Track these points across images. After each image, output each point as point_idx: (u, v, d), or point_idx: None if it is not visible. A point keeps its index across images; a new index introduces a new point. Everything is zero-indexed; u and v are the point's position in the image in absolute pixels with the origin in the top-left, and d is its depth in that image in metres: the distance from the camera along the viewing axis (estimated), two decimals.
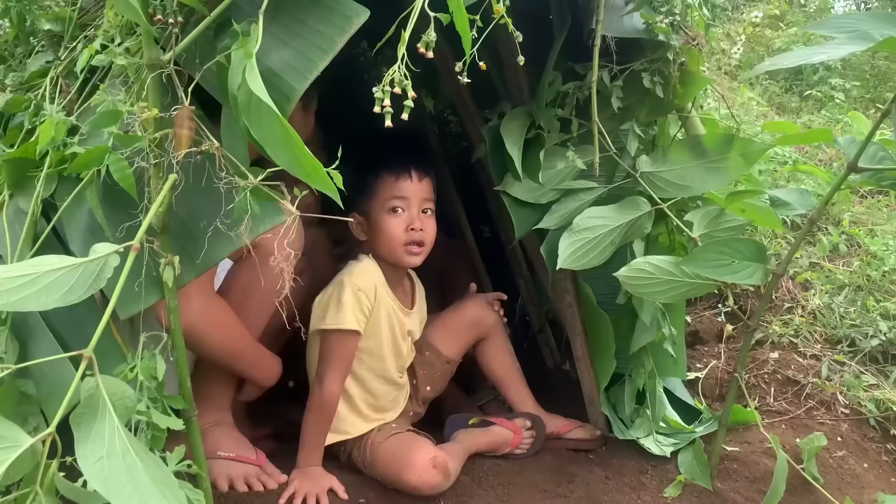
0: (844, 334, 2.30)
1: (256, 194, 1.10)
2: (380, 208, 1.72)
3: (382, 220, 1.71)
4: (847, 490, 1.70)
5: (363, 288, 1.68)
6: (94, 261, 1.00)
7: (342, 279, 1.69)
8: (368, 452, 1.69)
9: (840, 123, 3.92)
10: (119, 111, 1.12)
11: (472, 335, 1.96)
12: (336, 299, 1.66)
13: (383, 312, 1.73)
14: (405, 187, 1.71)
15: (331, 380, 1.64)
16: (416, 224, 1.71)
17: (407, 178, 1.72)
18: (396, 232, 1.70)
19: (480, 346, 1.97)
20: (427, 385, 1.92)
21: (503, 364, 1.99)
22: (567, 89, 1.66)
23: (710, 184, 1.69)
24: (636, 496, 1.68)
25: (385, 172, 1.72)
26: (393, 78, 0.95)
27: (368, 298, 1.68)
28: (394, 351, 1.78)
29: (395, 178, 1.71)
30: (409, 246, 1.71)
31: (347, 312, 1.64)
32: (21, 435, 0.92)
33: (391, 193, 1.71)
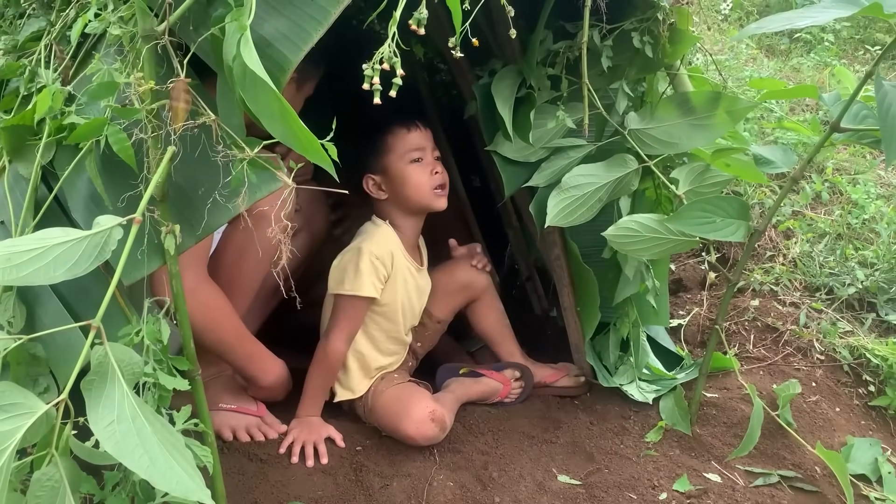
0: (823, 282, 2.37)
1: (252, 164, 1.13)
2: (399, 161, 1.78)
3: (407, 172, 1.77)
4: (819, 433, 1.78)
5: (380, 256, 1.73)
6: (98, 233, 1.03)
7: (360, 246, 1.73)
8: (370, 399, 1.76)
9: (829, 67, 3.92)
10: (115, 83, 1.13)
11: (462, 297, 2.00)
12: (354, 266, 1.71)
13: (399, 278, 1.79)
14: (418, 136, 1.79)
15: (338, 338, 1.71)
16: (438, 167, 1.81)
17: (417, 128, 1.80)
18: (423, 179, 1.78)
19: (471, 306, 2.02)
20: (418, 342, 1.98)
21: (493, 323, 2.04)
22: (558, 48, 1.67)
23: (697, 140, 1.72)
24: (619, 441, 1.77)
25: (396, 127, 1.79)
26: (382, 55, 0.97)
27: (385, 266, 1.74)
28: (409, 311, 1.85)
29: (406, 130, 1.78)
30: (437, 189, 1.79)
31: (364, 280, 1.70)
32: (35, 401, 0.96)
33: (409, 146, 1.78)
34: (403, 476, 1.55)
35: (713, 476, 1.63)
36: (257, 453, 1.58)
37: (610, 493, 1.55)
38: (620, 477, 1.61)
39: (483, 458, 1.65)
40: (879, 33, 4.59)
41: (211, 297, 1.50)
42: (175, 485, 0.93)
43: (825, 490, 1.62)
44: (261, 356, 1.65)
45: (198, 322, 1.40)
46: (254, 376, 1.66)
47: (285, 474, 1.52)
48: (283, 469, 1.54)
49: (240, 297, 1.62)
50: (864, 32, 4.67)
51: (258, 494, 1.46)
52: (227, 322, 1.54)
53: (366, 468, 1.57)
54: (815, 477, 1.65)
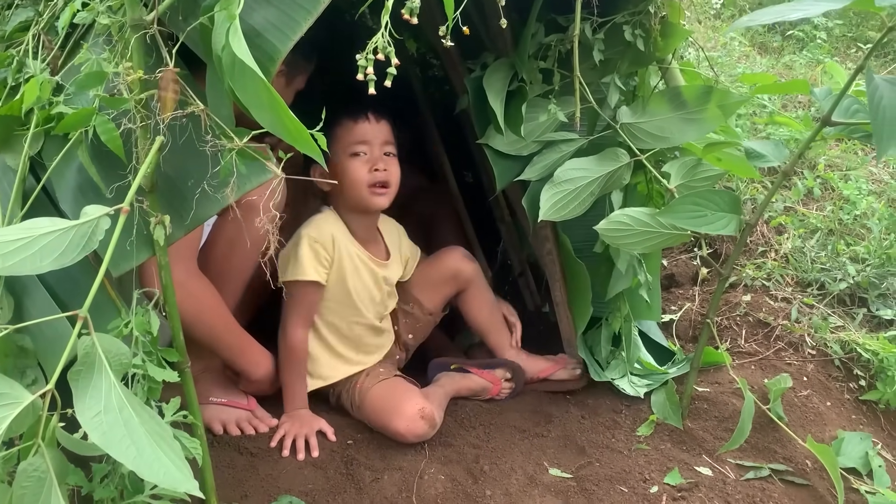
0: (815, 278, 2.37)
1: (242, 155, 1.12)
2: (342, 154, 1.72)
3: (345, 165, 1.72)
4: (810, 427, 1.79)
5: (319, 239, 1.71)
6: (85, 223, 1.02)
7: (300, 232, 1.72)
8: (357, 396, 1.75)
9: (821, 65, 3.93)
10: (104, 72, 1.12)
11: (451, 287, 1.98)
12: (294, 251, 1.70)
13: (347, 261, 1.76)
14: (364, 130, 1.73)
15: (293, 326, 1.71)
16: (380, 165, 1.73)
17: (364, 120, 1.73)
18: (360, 174, 1.71)
19: (461, 296, 2.00)
20: (409, 333, 1.98)
21: (483, 313, 2.02)
22: (549, 41, 1.67)
23: (689, 135, 1.72)
24: (610, 435, 1.77)
25: (343, 117, 1.72)
26: (376, 45, 0.97)
27: (326, 249, 1.72)
28: (368, 298, 1.82)
29: (353, 121, 1.72)
30: (374, 187, 1.73)
31: (305, 264, 1.69)
32: (22, 392, 0.95)
33: (352, 138, 1.72)
34: (394, 469, 1.55)
35: (704, 469, 1.64)
36: (248, 447, 1.57)
37: (601, 486, 1.55)
38: (611, 470, 1.61)
39: (474, 451, 1.65)
40: (871, 31, 4.60)
41: (200, 290, 1.49)
42: (162, 476, 0.93)
43: (816, 483, 1.62)
44: (251, 349, 1.65)
45: (187, 314, 1.38)
46: (244, 370, 1.65)
47: (276, 468, 1.52)
48: (274, 462, 1.54)
49: (230, 289, 1.62)
50: (857, 30, 4.68)
51: (248, 488, 1.45)
52: (217, 314, 1.54)
53: (357, 461, 1.57)
54: (806, 470, 1.66)
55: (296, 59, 1.57)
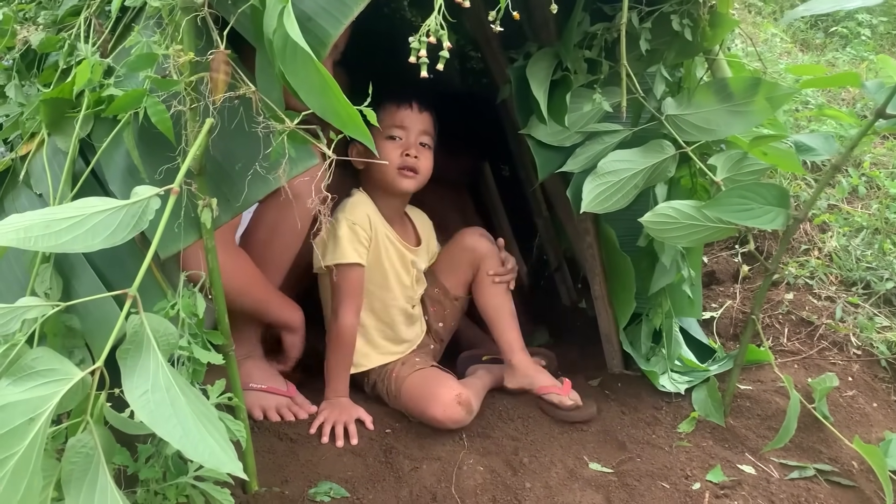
0: (860, 277, 2.32)
1: (292, 138, 1.12)
2: (379, 135, 1.74)
3: (379, 146, 1.74)
4: (856, 428, 1.75)
5: (357, 220, 1.73)
6: (136, 203, 1.03)
7: (337, 216, 1.73)
8: (393, 385, 1.75)
9: (866, 62, 3.85)
10: (154, 54, 1.13)
11: (468, 265, 1.93)
12: (332, 235, 1.71)
13: (381, 242, 1.78)
14: (405, 116, 1.76)
15: (345, 312, 1.71)
16: (412, 151, 1.75)
17: (407, 107, 1.77)
18: (392, 156, 1.75)
19: (475, 279, 1.94)
20: (439, 322, 1.97)
21: (493, 298, 1.92)
22: (595, 30, 1.65)
23: (735, 127, 1.69)
24: (651, 431, 1.74)
25: (387, 101, 1.76)
26: (429, 28, 0.96)
27: (364, 229, 1.73)
28: (397, 280, 1.83)
29: (395, 106, 1.76)
30: (403, 170, 1.76)
31: (345, 246, 1.70)
32: (72, 368, 0.96)
33: (391, 121, 1.76)
34: (433, 459, 1.54)
35: (747, 468, 1.60)
36: (287, 433, 1.57)
37: (642, 481, 1.53)
38: (653, 466, 1.58)
39: (513, 443, 1.64)
40: None
41: (243, 261, 1.53)
42: (208, 456, 0.93)
43: (863, 485, 1.58)
44: (286, 300, 1.70)
45: (234, 288, 1.42)
46: (288, 322, 1.69)
47: (315, 454, 1.52)
48: (313, 449, 1.54)
49: (273, 273, 1.63)
50: None
51: (288, 473, 1.45)
52: (259, 280, 1.58)
53: (395, 450, 1.56)
54: (853, 472, 1.62)
55: None
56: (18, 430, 0.86)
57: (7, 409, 0.86)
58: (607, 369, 2.03)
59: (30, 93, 1.38)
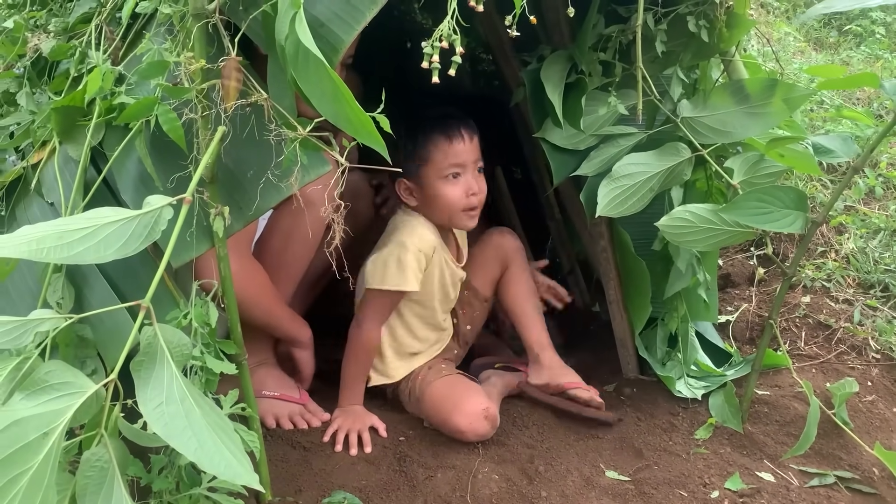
0: (878, 279, 2.29)
1: (304, 145, 1.11)
2: (436, 175, 1.69)
3: (441, 188, 1.69)
4: (876, 434, 1.72)
5: (424, 250, 1.70)
6: (148, 213, 1.01)
7: (403, 240, 1.68)
8: (418, 388, 1.74)
9: (880, 60, 3.81)
10: (166, 62, 1.12)
11: (496, 264, 1.93)
12: (397, 260, 1.67)
13: (437, 268, 1.76)
14: (460, 151, 1.68)
15: (373, 326, 1.70)
16: (475, 188, 1.71)
17: (460, 140, 1.68)
18: (456, 199, 1.69)
19: (501, 279, 1.94)
20: (467, 324, 1.95)
21: (518, 295, 1.92)
22: (610, 32, 1.62)
23: (752, 129, 1.66)
24: (668, 437, 1.72)
25: (438, 137, 1.68)
26: (441, 33, 0.94)
27: (427, 259, 1.71)
28: (443, 299, 1.82)
29: (448, 141, 1.68)
30: (468, 211, 1.72)
31: (409, 276, 1.67)
32: (85, 381, 0.95)
33: (448, 161, 1.68)
34: (448, 468, 1.52)
35: (766, 475, 1.58)
36: (300, 441, 1.56)
37: (660, 489, 1.51)
38: (670, 474, 1.56)
39: (529, 451, 1.62)
40: None
41: (256, 272, 1.52)
42: (223, 468, 0.92)
43: (884, 492, 1.56)
44: (296, 315, 1.69)
45: (248, 299, 1.42)
46: (296, 336, 1.68)
47: (329, 463, 1.51)
48: (327, 457, 1.53)
49: (285, 283, 1.62)
50: None
51: (302, 482, 1.44)
52: (271, 293, 1.57)
53: (409, 458, 1.55)
54: (874, 478, 1.59)
55: None
56: (32, 444, 0.85)
57: (21, 423, 0.85)
58: (622, 374, 2.00)
59: (41, 101, 1.38)
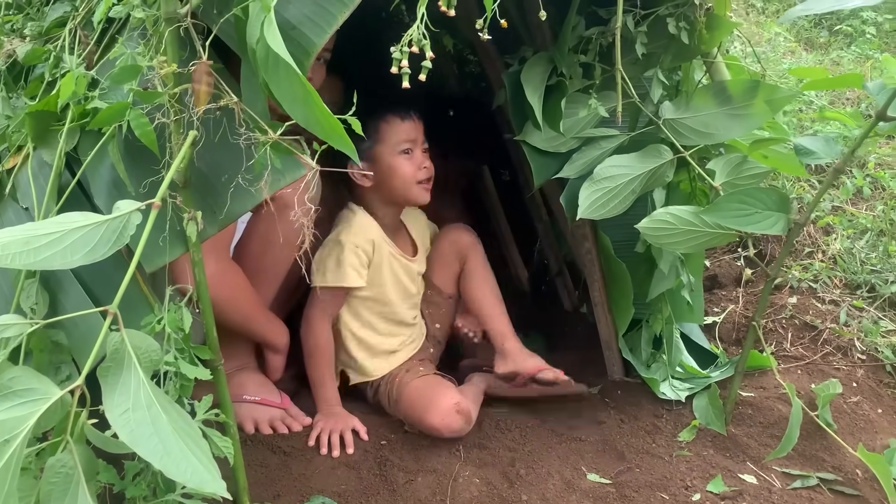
0: (864, 280, 2.29)
1: (276, 149, 1.10)
2: (390, 152, 1.75)
3: (396, 163, 1.75)
4: (860, 435, 1.72)
5: (360, 244, 1.72)
6: (116, 218, 1.01)
7: (340, 238, 1.72)
8: (395, 390, 1.74)
9: (871, 60, 3.81)
10: (138, 66, 1.11)
11: (454, 259, 1.95)
12: (335, 258, 1.70)
13: (384, 262, 1.78)
14: (411, 128, 1.76)
15: (321, 326, 1.72)
16: (427, 162, 1.78)
17: (411, 119, 1.76)
18: (410, 171, 1.75)
19: (462, 273, 1.96)
20: (436, 323, 1.97)
21: (477, 288, 1.94)
22: (590, 34, 1.62)
23: (734, 131, 1.66)
24: (651, 440, 1.72)
25: (391, 115, 1.75)
26: (411, 38, 0.94)
27: (367, 253, 1.74)
28: (402, 294, 1.84)
29: (400, 119, 1.75)
30: (422, 183, 1.77)
31: (348, 271, 1.70)
32: (50, 387, 0.95)
33: (401, 136, 1.75)
34: (428, 471, 1.52)
35: (749, 477, 1.58)
36: (280, 445, 1.56)
37: (641, 492, 1.50)
38: (652, 476, 1.56)
39: (510, 454, 1.61)
40: None
41: (235, 276, 1.52)
42: (189, 475, 0.91)
43: (867, 494, 1.55)
44: (275, 319, 1.69)
45: (224, 301, 1.42)
46: (273, 341, 1.68)
47: (308, 467, 1.50)
48: (307, 462, 1.52)
49: (266, 286, 1.61)
50: None
51: (281, 487, 1.43)
52: (251, 296, 1.57)
53: (390, 462, 1.54)
54: (857, 480, 1.59)
55: None
56: None
57: None
58: (608, 376, 2.00)
59: (17, 105, 1.37)
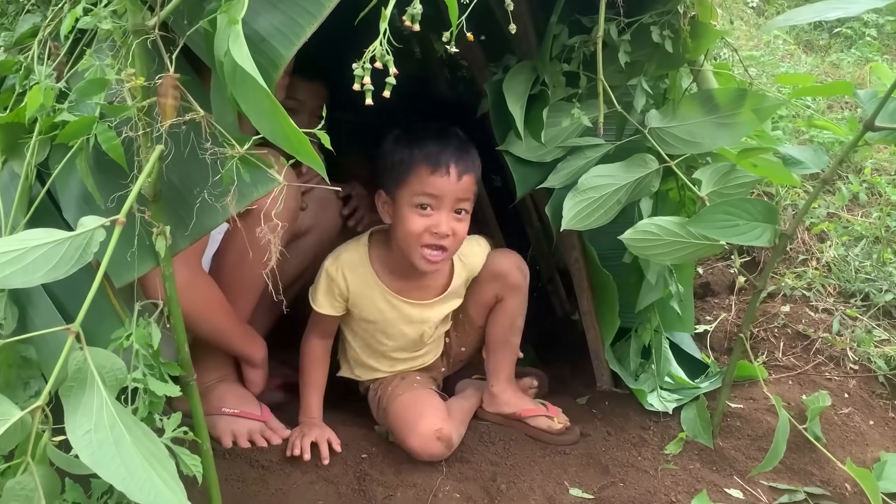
0: (858, 288, 2.26)
1: (245, 163, 1.09)
2: (407, 199, 1.56)
3: (406, 214, 1.56)
4: (851, 448, 1.70)
5: (333, 275, 1.65)
6: (80, 235, 0.99)
7: (325, 262, 1.68)
8: (385, 399, 1.72)
9: (870, 63, 3.77)
10: (105, 80, 1.09)
11: (492, 293, 1.77)
12: (317, 279, 1.68)
13: (367, 300, 1.68)
14: (439, 184, 1.54)
15: (310, 339, 1.72)
16: (443, 228, 1.54)
17: (444, 174, 1.54)
18: (416, 231, 1.55)
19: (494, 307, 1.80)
20: (462, 346, 1.89)
21: (503, 328, 1.80)
22: (573, 43, 1.60)
23: (721, 140, 1.64)
24: (637, 453, 1.70)
25: (422, 164, 1.54)
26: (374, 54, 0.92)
27: (338, 286, 1.66)
28: (394, 335, 1.73)
29: (430, 170, 1.54)
30: (428, 249, 1.56)
31: (319, 297, 1.67)
32: (11, 408, 0.93)
33: (422, 188, 1.54)
34: (408, 486, 1.50)
35: (735, 492, 1.56)
36: (259, 459, 1.54)
37: None
38: (636, 491, 1.54)
39: (492, 468, 1.59)
40: None
41: (206, 288, 1.50)
42: (153, 497, 0.90)
43: None
44: (251, 333, 1.67)
45: (197, 314, 1.42)
46: (249, 355, 1.66)
47: (287, 482, 1.48)
48: (285, 476, 1.50)
49: (245, 298, 1.60)
50: None
51: (258, 502, 1.42)
52: (223, 308, 1.55)
53: (370, 477, 1.53)
54: (846, 495, 1.57)
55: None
56: None
57: None
58: (596, 386, 1.98)
59: None
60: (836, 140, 2.72)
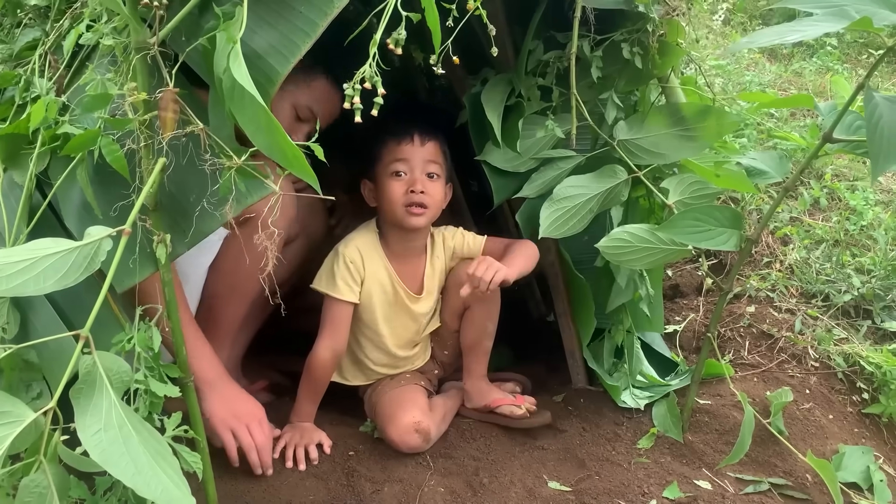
0: (819, 289, 2.37)
1: (241, 173, 1.14)
2: (383, 172, 1.75)
3: (386, 184, 1.74)
4: (811, 441, 1.79)
5: (351, 256, 1.73)
6: (88, 245, 1.04)
7: (338, 248, 1.76)
8: (375, 396, 1.80)
9: (831, 72, 3.92)
10: (108, 94, 1.14)
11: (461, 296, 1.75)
12: (329, 267, 1.74)
13: (375, 282, 1.77)
14: (406, 150, 1.74)
15: (321, 347, 1.72)
16: (417, 186, 1.72)
17: (409, 141, 1.74)
18: (397, 194, 1.72)
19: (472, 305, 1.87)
20: (444, 350, 1.97)
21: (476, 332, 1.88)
22: (548, 58, 1.68)
23: (684, 151, 1.73)
24: (611, 447, 1.77)
25: (388, 137, 1.76)
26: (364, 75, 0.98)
27: (357, 268, 1.74)
28: (393, 328, 1.82)
29: (396, 141, 1.75)
30: (410, 207, 1.72)
31: (339, 283, 1.71)
32: (24, 410, 0.98)
33: (393, 157, 1.74)
34: (395, 481, 1.57)
35: (703, 483, 1.64)
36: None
37: (600, 499, 1.56)
38: (611, 484, 1.61)
39: (475, 463, 1.66)
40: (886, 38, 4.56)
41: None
42: (160, 493, 0.95)
43: (816, 498, 1.62)
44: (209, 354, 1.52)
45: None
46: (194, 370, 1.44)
47: (277, 479, 1.54)
48: (276, 474, 1.55)
49: (238, 302, 1.65)
50: (868, 36, 4.65)
51: (250, 499, 1.47)
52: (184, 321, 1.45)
53: (358, 473, 1.59)
54: (806, 485, 1.66)
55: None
56: None
57: None
58: (572, 385, 2.06)
59: None
60: (800, 147, 2.83)
